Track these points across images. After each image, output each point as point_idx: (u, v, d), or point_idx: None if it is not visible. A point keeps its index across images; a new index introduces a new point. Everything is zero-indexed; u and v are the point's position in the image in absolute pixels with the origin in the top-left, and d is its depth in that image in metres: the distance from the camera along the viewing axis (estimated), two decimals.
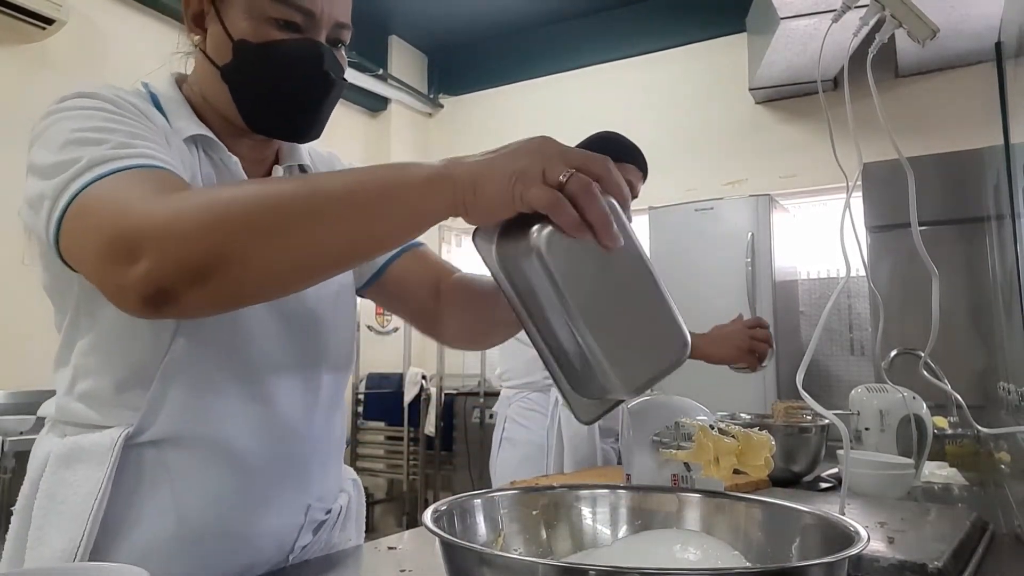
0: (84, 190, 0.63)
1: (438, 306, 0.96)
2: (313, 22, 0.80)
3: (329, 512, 0.91)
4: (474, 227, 0.63)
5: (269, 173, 0.90)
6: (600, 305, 0.56)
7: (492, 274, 0.63)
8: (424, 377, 4.63)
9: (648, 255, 0.59)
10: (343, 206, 0.59)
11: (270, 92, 0.81)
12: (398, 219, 0.60)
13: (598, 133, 1.89)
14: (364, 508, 1.03)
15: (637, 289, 0.58)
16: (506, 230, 0.59)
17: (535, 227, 0.55)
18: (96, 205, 0.63)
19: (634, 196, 1.83)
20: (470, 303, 0.94)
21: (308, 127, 0.85)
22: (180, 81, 0.88)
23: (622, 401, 0.60)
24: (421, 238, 0.77)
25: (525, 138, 0.59)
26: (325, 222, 0.59)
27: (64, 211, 0.64)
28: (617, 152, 1.81)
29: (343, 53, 0.87)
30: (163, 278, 0.58)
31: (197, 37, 0.83)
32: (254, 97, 0.82)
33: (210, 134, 0.82)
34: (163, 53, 0.91)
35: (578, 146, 1.85)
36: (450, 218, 0.60)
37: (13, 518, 0.78)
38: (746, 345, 1.64)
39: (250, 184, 0.64)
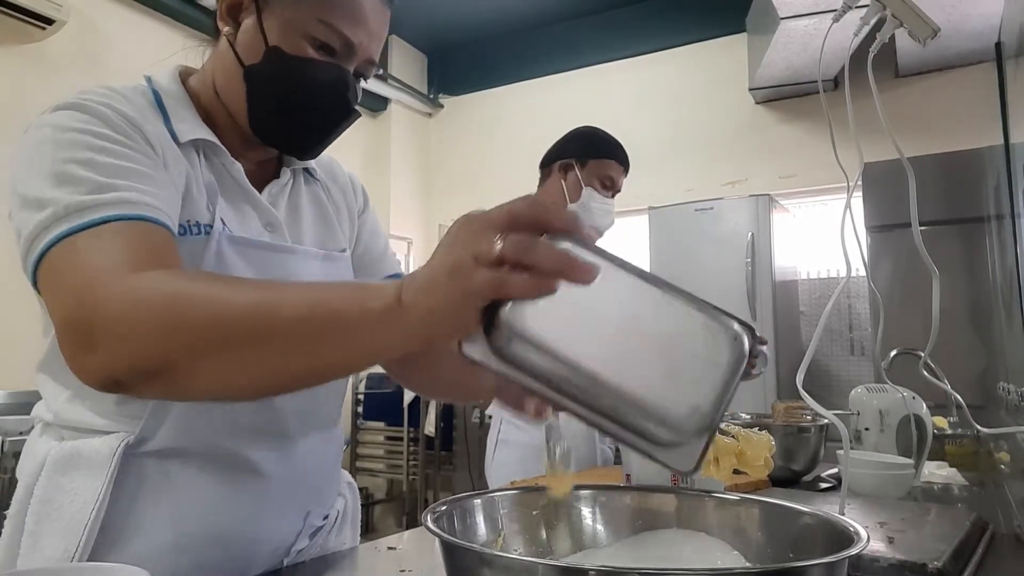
0: (55, 245, 0.63)
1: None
2: (349, 52, 0.81)
3: (327, 518, 0.91)
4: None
5: (275, 175, 0.89)
6: (617, 348, 0.46)
7: (501, 376, 0.51)
8: None
9: (639, 267, 0.49)
10: (298, 335, 0.55)
11: (288, 105, 0.81)
12: (353, 354, 0.57)
13: (577, 128, 1.88)
14: (360, 511, 1.03)
15: (647, 306, 0.47)
16: (485, 326, 0.49)
17: (500, 310, 0.47)
18: (64, 269, 0.63)
19: (616, 191, 1.81)
20: (445, 352, 0.92)
21: (312, 147, 0.86)
22: (185, 75, 0.86)
23: (715, 431, 0.49)
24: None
25: (453, 225, 0.51)
26: (277, 350, 0.56)
27: (38, 261, 0.65)
28: (597, 148, 1.80)
29: (361, 85, 0.87)
30: (115, 373, 0.60)
31: (227, 28, 0.81)
32: (269, 105, 0.81)
33: (212, 138, 0.81)
34: (163, 53, 0.90)
35: (559, 141, 1.82)
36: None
37: (6, 522, 0.76)
38: None
39: (210, 285, 0.60)
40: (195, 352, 0.57)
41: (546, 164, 1.85)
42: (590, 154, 1.79)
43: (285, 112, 0.81)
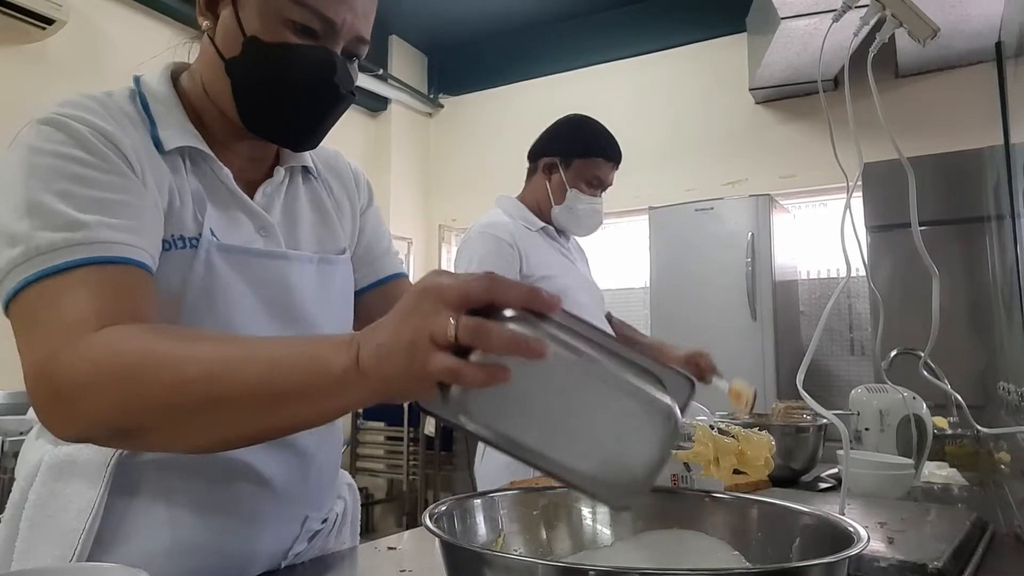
0: (26, 288, 0.64)
1: None
2: (332, 31, 0.78)
3: (325, 521, 0.90)
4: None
5: (270, 174, 0.88)
6: (557, 427, 0.49)
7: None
8: None
9: (583, 333, 0.50)
10: (254, 401, 0.56)
11: (274, 96, 0.78)
12: (310, 416, 0.58)
13: (565, 119, 1.81)
14: (359, 512, 1.02)
15: (586, 388, 0.49)
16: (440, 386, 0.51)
17: (452, 387, 0.49)
18: (32, 320, 0.63)
19: (606, 187, 1.75)
20: None
21: (307, 136, 0.83)
22: (178, 72, 0.85)
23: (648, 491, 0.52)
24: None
25: (410, 293, 0.51)
26: (234, 415, 0.58)
27: (9, 299, 0.65)
28: (582, 146, 1.73)
29: (355, 66, 0.83)
30: (78, 433, 0.63)
31: (207, 23, 0.79)
32: (256, 98, 0.79)
33: (199, 144, 0.79)
34: (163, 53, 0.90)
35: (545, 132, 1.76)
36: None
37: (1, 526, 0.76)
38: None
39: (168, 349, 0.59)
40: (152, 420, 0.60)
41: (533, 158, 1.79)
42: (575, 153, 1.72)
43: (272, 102, 0.79)
